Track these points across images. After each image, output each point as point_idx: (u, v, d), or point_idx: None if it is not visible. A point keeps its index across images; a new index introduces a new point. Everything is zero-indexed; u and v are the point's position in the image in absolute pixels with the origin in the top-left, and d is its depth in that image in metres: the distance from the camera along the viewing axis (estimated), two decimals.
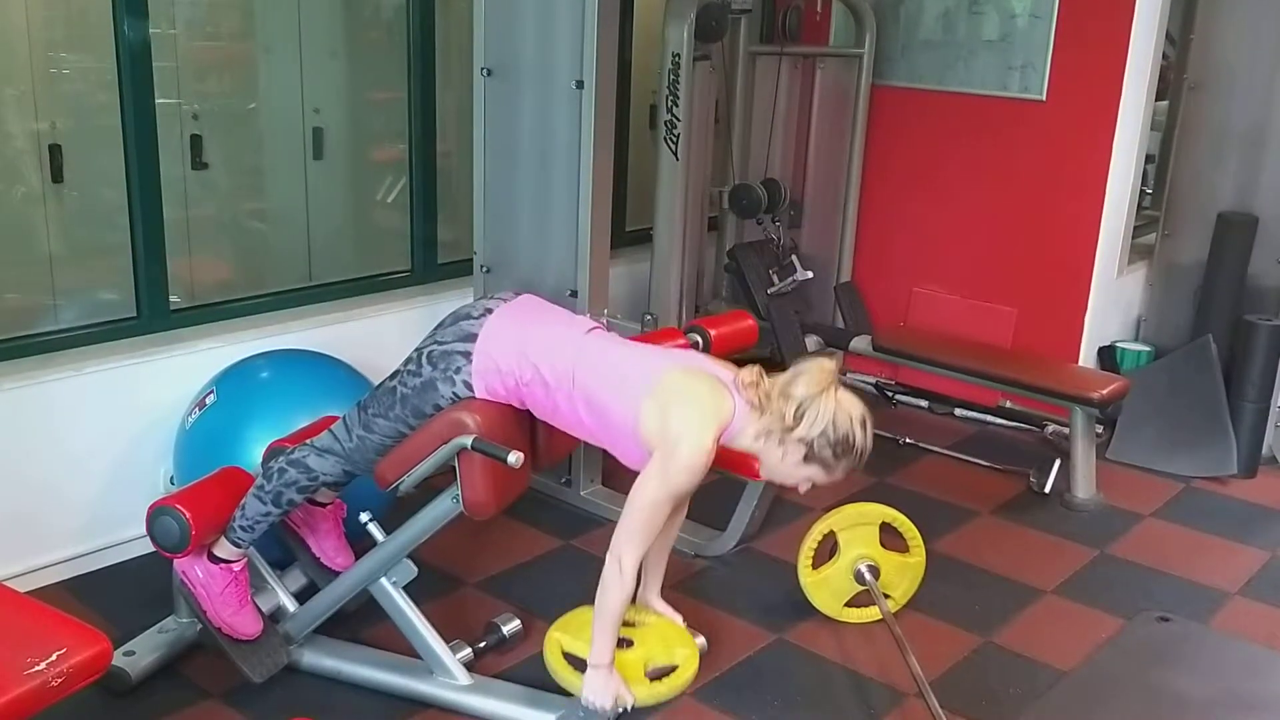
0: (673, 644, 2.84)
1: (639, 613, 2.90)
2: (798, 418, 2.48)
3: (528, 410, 2.76)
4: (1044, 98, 4.78)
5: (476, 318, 2.67)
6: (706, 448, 2.49)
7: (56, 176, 3.54)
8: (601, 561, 2.60)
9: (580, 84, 3.57)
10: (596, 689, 2.61)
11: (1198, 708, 3.08)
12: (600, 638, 2.61)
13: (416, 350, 2.70)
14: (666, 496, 2.52)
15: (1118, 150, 4.70)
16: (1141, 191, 5.28)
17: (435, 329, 2.72)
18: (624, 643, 2.73)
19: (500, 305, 2.72)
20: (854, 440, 2.51)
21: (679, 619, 2.96)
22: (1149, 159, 5.41)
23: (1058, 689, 3.13)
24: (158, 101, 3.56)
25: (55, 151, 3.51)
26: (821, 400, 2.49)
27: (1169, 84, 5.51)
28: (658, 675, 2.73)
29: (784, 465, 2.56)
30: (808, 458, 2.52)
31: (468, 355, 2.62)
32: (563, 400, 2.61)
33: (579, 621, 2.76)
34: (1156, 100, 5.06)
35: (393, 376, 2.72)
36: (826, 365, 2.54)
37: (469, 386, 2.63)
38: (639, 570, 2.61)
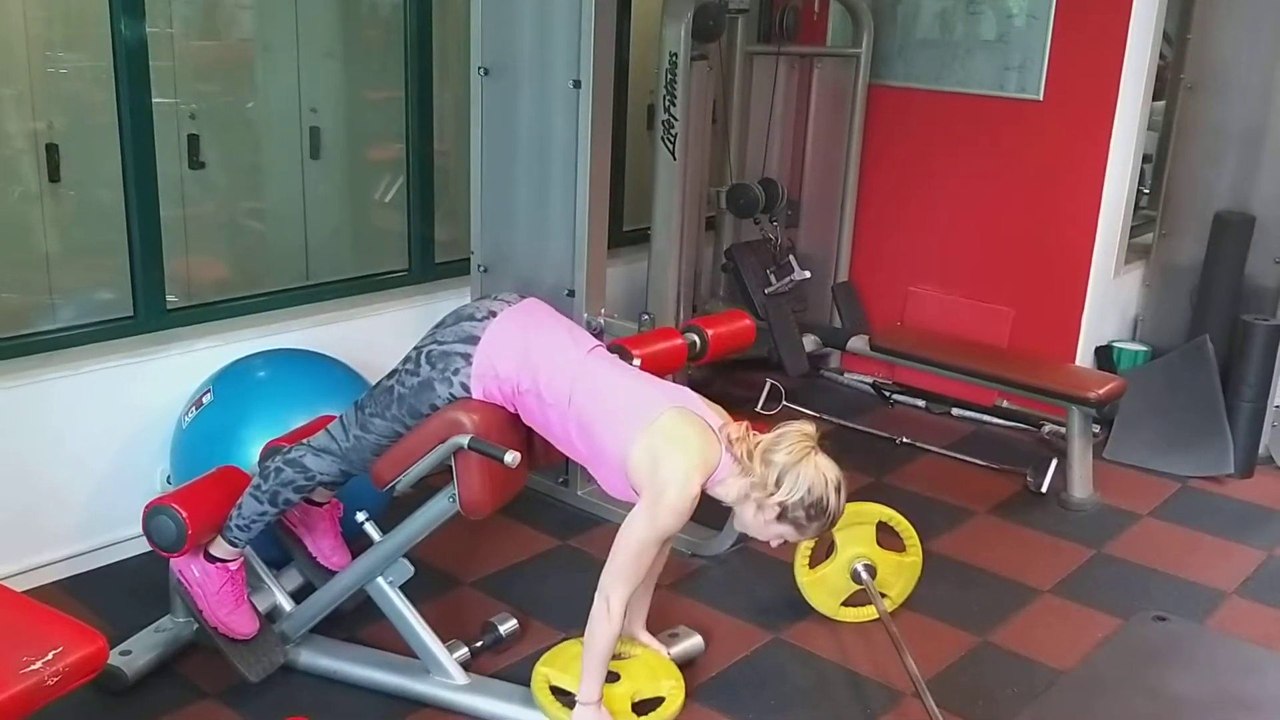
0: (659, 676, 2.88)
1: (625, 645, 2.93)
2: (778, 484, 2.54)
3: None
4: (1041, 97, 4.79)
5: (480, 319, 2.67)
6: (693, 494, 2.54)
7: (54, 176, 3.53)
8: (598, 560, 2.60)
9: (577, 83, 3.57)
10: None
11: (1194, 707, 3.08)
12: (589, 675, 2.66)
13: (415, 349, 2.70)
14: (654, 538, 2.57)
15: (1115, 150, 4.71)
16: (1138, 191, 5.28)
17: (435, 328, 2.72)
18: (610, 676, 2.76)
19: (504, 308, 2.71)
20: (827, 504, 2.57)
21: (665, 651, 3.01)
22: (1146, 159, 5.41)
23: (1054, 688, 3.13)
24: (155, 101, 3.56)
25: (52, 150, 3.51)
26: (801, 467, 2.54)
27: (1166, 84, 5.51)
28: (644, 708, 2.77)
29: (757, 522, 2.62)
30: (780, 517, 2.58)
31: (468, 358, 2.62)
32: (555, 417, 2.63)
33: (566, 655, 2.81)
34: (1154, 100, 5.07)
35: (390, 375, 2.72)
36: (807, 430, 2.60)
37: (466, 388, 2.63)
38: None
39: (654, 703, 2.79)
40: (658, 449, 2.53)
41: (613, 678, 2.77)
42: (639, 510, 2.56)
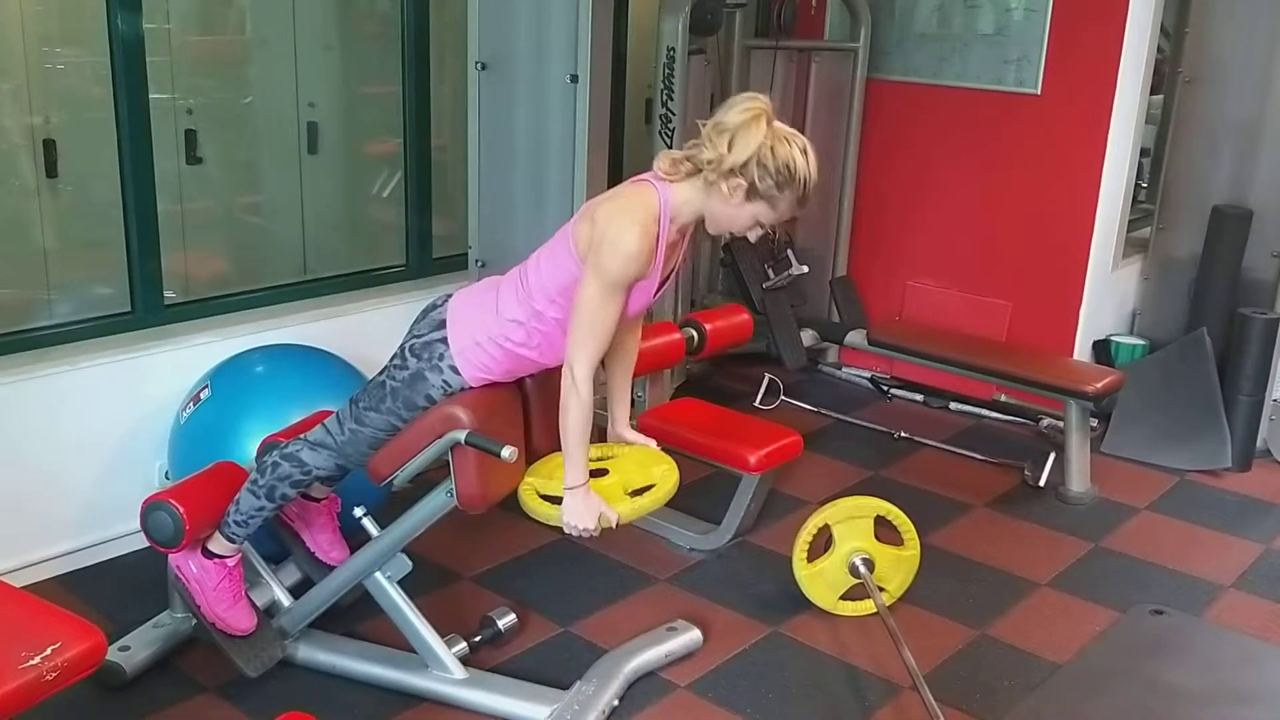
0: (649, 465, 2.80)
1: (611, 447, 2.87)
2: (730, 146, 2.42)
3: (521, 403, 2.76)
4: (1039, 91, 4.78)
5: (441, 305, 2.70)
6: (636, 230, 2.44)
7: (51, 171, 3.54)
8: (596, 554, 2.60)
9: (575, 78, 3.57)
10: (577, 510, 2.58)
11: (1191, 700, 3.09)
12: (571, 459, 2.57)
13: (400, 347, 2.71)
14: (606, 290, 2.47)
15: (1113, 144, 4.71)
16: (1136, 185, 5.28)
17: (412, 326, 2.74)
18: (600, 474, 2.69)
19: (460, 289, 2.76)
20: (794, 166, 2.43)
21: (652, 443, 2.91)
22: (1144, 153, 5.41)
23: (1052, 681, 3.14)
24: (152, 96, 3.56)
25: (49, 146, 3.51)
26: (754, 125, 2.42)
27: (1164, 78, 5.51)
28: (639, 494, 2.69)
29: (727, 210, 2.51)
30: (750, 194, 2.47)
31: (445, 341, 2.63)
32: (536, 320, 2.59)
33: (551, 465, 2.73)
34: (1151, 94, 5.07)
35: (381, 372, 2.72)
36: (757, 95, 2.50)
37: (456, 370, 2.63)
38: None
39: (648, 490, 2.71)
40: (590, 216, 2.50)
41: (602, 475, 2.70)
42: (586, 267, 2.47)
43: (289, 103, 4.20)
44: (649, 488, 2.71)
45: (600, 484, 2.66)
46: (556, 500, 2.63)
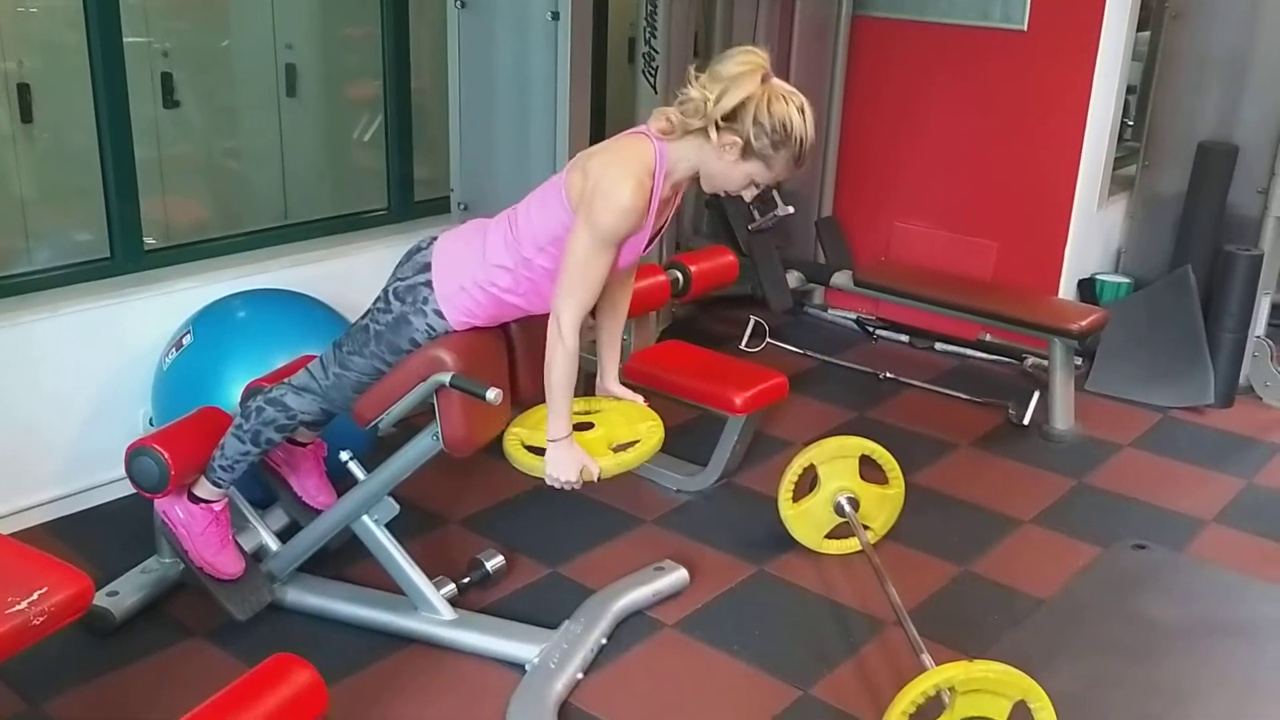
0: (635, 420, 2.79)
1: (598, 401, 2.87)
2: (721, 95, 2.37)
3: (506, 346, 2.75)
4: (1025, 27, 4.74)
5: (426, 248, 2.68)
6: (630, 184, 2.41)
7: (26, 116, 3.49)
8: (585, 497, 2.60)
9: (555, 15, 3.52)
10: (559, 462, 2.56)
11: (1172, 633, 3.13)
12: (555, 411, 2.55)
13: (383, 290, 2.69)
14: (598, 244, 2.44)
15: (1098, 81, 4.68)
16: (1122, 123, 5.26)
17: (395, 268, 2.72)
18: (585, 427, 2.69)
19: (445, 231, 2.73)
20: (791, 125, 2.39)
21: (639, 399, 2.91)
22: (1130, 90, 5.39)
23: (1035, 616, 3.17)
24: (126, 40, 3.50)
25: (24, 91, 3.46)
26: (748, 78, 2.38)
27: (1150, 13, 5.47)
28: (623, 449, 2.69)
29: (721, 166, 2.46)
30: (745, 153, 2.43)
31: (429, 284, 2.61)
32: (524, 268, 2.57)
33: (537, 417, 2.71)
34: (1138, 30, 5.03)
35: (365, 315, 2.71)
36: (755, 49, 2.45)
37: (440, 315, 2.61)
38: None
39: (633, 445, 2.71)
40: (584, 166, 2.47)
41: (587, 428, 2.70)
42: (578, 219, 2.44)
43: (266, 45, 4.14)
44: (634, 443, 2.70)
45: (584, 437, 2.65)
46: (541, 451, 2.62)
